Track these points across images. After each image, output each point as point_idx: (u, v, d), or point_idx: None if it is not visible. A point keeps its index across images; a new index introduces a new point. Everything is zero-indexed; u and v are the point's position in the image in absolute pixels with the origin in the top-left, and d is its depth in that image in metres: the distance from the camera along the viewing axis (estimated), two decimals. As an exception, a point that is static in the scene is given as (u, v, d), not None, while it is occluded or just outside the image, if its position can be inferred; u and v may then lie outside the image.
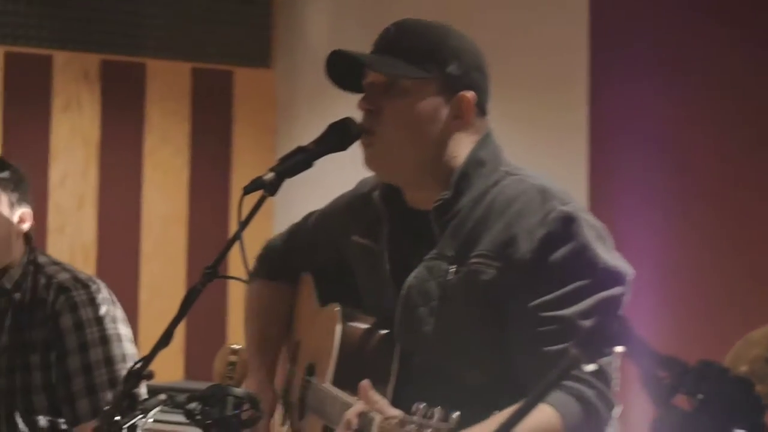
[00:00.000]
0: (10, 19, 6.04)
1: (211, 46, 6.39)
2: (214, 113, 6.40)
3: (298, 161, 2.33)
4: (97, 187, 6.19)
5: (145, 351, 2.24)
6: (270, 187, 2.30)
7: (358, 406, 2.15)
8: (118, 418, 2.17)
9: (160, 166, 6.30)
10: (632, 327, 1.56)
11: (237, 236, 2.26)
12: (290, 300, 2.87)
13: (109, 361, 3.16)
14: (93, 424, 3.08)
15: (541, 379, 2.16)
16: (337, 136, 2.38)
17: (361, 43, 2.55)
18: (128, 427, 2.18)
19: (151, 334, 3.28)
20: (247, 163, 6.37)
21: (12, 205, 3.24)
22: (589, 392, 2.18)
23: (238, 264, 2.39)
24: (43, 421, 3.14)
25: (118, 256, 6.20)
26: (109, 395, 3.11)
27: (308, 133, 2.49)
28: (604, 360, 2.20)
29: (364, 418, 2.09)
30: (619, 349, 1.58)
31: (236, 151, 6.42)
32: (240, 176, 6.34)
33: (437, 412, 1.89)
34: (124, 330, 3.24)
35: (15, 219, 3.25)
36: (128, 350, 3.21)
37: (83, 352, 3.14)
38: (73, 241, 6.17)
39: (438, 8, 4.04)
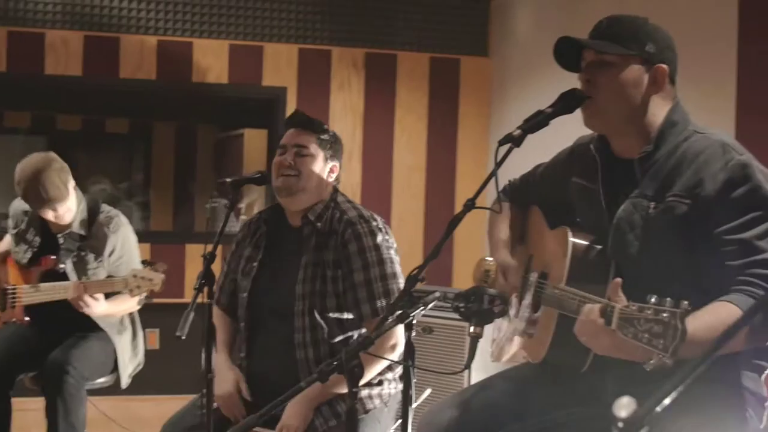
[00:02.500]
0: (301, 23, 6.13)
1: (444, 40, 6.34)
2: (446, 91, 6.36)
3: (539, 121, 2.30)
4: (361, 144, 6.24)
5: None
6: (517, 141, 2.27)
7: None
8: (400, 311, 2.17)
9: (407, 129, 6.31)
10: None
11: (492, 175, 2.23)
12: (522, 221, 2.84)
13: (383, 277, 3.16)
14: (373, 321, 3.13)
15: (724, 286, 2.11)
16: (567, 102, 2.34)
17: (558, 34, 2.45)
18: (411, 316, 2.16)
19: (401, 252, 3.31)
20: (469, 127, 6.32)
21: (326, 160, 3.28)
22: (759, 291, 2.12)
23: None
24: (333, 316, 3.17)
25: (376, 194, 6.25)
26: (383, 302, 3.13)
27: (516, 109, 2.42)
28: None
29: (607, 306, 2.04)
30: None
31: (461, 119, 6.38)
32: (464, 137, 6.28)
33: (668, 301, 1.83)
34: (395, 255, 3.24)
35: (327, 170, 3.29)
36: (397, 270, 3.21)
37: (365, 270, 3.15)
38: (345, 183, 6.19)
39: (615, 5, 3.89)
